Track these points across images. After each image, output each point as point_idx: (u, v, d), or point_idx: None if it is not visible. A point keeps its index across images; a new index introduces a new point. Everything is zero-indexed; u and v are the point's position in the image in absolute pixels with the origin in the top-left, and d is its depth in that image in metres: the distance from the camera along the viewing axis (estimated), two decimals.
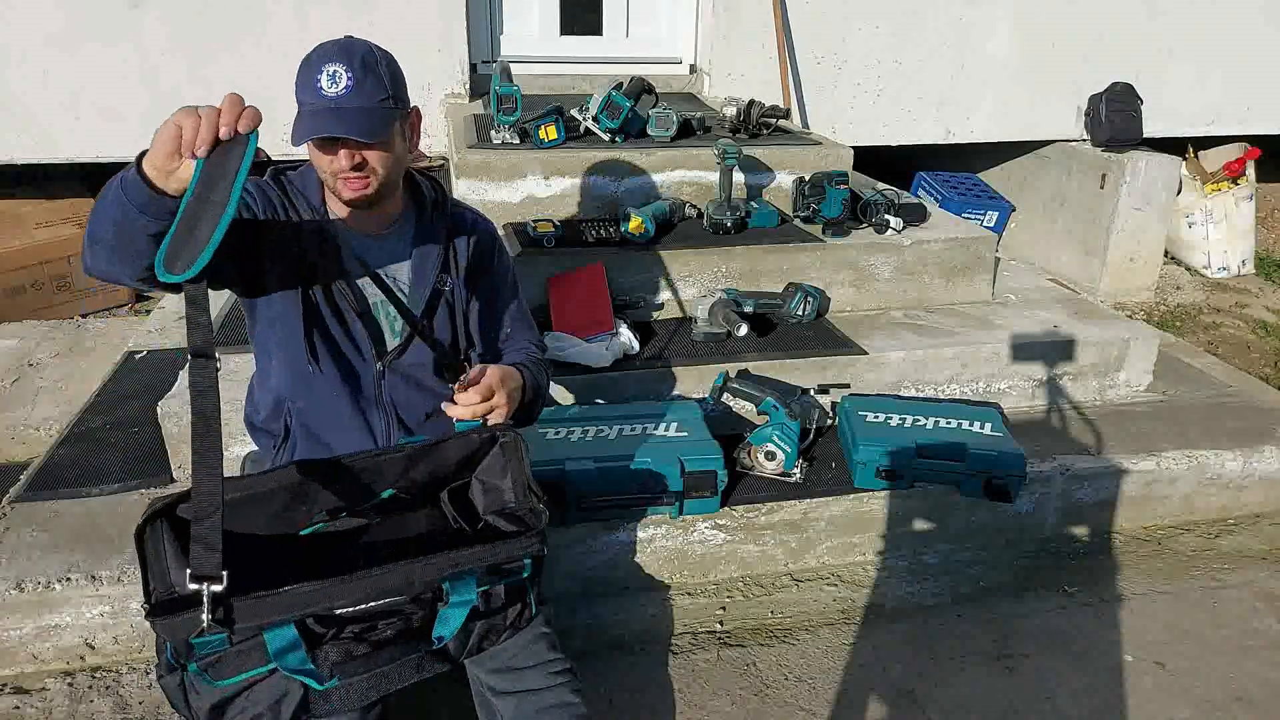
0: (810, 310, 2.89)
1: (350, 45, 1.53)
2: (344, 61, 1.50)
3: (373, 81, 1.51)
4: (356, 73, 1.50)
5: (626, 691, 2.02)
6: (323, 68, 1.49)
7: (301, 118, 1.51)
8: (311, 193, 1.66)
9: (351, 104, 1.49)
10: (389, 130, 1.54)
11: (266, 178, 1.66)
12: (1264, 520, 2.77)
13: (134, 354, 2.97)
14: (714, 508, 2.30)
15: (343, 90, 1.49)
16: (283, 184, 1.67)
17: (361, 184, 1.56)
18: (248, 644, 1.27)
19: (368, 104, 1.51)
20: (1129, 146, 4.33)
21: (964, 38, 4.17)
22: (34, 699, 1.95)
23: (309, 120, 1.50)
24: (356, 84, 1.49)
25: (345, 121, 1.49)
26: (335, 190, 1.59)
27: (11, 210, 3.77)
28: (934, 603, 2.35)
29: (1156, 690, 2.08)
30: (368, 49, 1.54)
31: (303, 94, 1.52)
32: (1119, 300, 4.39)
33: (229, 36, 3.43)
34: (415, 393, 1.75)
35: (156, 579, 1.30)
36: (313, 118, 1.50)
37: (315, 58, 1.52)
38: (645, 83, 3.26)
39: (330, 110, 1.49)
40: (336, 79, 1.49)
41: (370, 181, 1.57)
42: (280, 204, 1.64)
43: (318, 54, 1.52)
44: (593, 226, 2.97)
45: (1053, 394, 3.00)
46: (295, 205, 1.65)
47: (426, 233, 1.73)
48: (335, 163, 1.53)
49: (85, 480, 2.35)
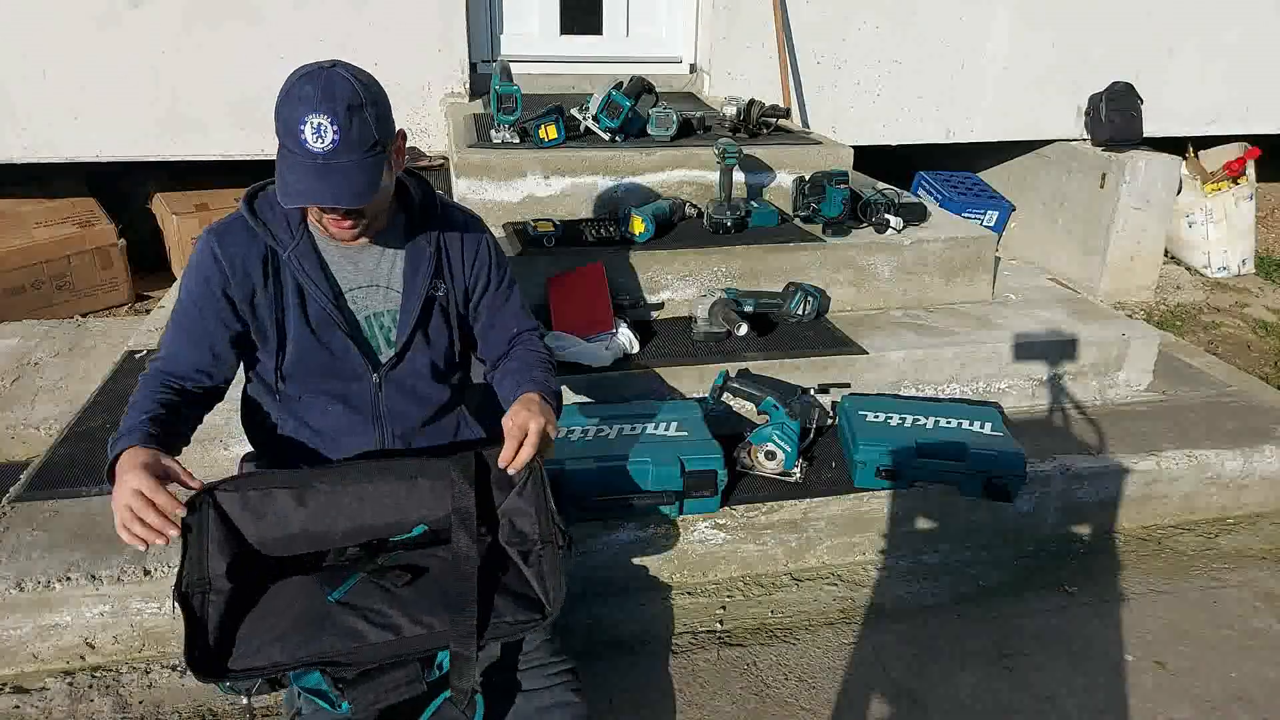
0: (810, 310, 2.88)
1: (331, 86, 1.42)
2: (328, 112, 1.40)
3: (359, 128, 1.43)
4: (342, 123, 1.41)
5: (626, 691, 2.02)
6: (306, 118, 1.41)
7: (287, 168, 1.45)
8: (292, 213, 1.62)
9: (339, 159, 1.42)
10: (379, 181, 1.48)
11: (241, 203, 1.62)
12: (1264, 520, 2.77)
13: (134, 354, 2.97)
14: (714, 507, 2.30)
15: (330, 145, 1.41)
16: (255, 210, 1.61)
17: (351, 228, 1.55)
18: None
19: (356, 157, 1.44)
20: (1129, 146, 4.33)
21: (964, 37, 4.17)
22: (34, 698, 1.95)
23: (297, 177, 1.44)
24: (343, 136, 1.42)
25: (334, 184, 1.43)
26: (326, 230, 1.58)
27: (11, 210, 3.77)
28: (934, 603, 2.35)
29: (1156, 690, 2.08)
30: (350, 89, 1.43)
31: (285, 139, 1.44)
32: (1119, 300, 4.38)
33: (230, 37, 3.43)
34: (412, 403, 1.74)
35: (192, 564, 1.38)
36: (300, 175, 1.43)
37: (296, 97, 1.42)
38: (645, 82, 3.26)
39: (318, 168, 1.42)
40: (322, 133, 1.41)
41: (361, 224, 1.56)
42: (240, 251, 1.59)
43: (298, 93, 1.42)
44: (593, 226, 2.97)
45: (1053, 393, 3.00)
46: (272, 229, 1.60)
47: (418, 236, 1.69)
48: (325, 216, 1.53)
49: (85, 480, 2.34)
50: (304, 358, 1.65)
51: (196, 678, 1.31)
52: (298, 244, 1.61)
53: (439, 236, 1.71)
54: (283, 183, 1.46)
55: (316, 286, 1.62)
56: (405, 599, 1.41)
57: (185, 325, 1.64)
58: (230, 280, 1.59)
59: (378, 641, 1.37)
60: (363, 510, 1.49)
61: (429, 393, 1.76)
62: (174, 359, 1.63)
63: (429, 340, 1.73)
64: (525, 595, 1.51)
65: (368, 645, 1.37)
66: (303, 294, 1.63)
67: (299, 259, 1.61)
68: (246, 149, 3.59)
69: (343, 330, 1.65)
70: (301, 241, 1.62)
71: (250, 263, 1.60)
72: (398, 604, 1.40)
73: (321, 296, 1.62)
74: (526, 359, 1.77)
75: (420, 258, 1.69)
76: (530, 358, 1.77)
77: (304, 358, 1.65)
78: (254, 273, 1.60)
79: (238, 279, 1.59)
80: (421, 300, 1.69)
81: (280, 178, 1.47)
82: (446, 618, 1.41)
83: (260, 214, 1.61)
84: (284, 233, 1.61)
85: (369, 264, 1.67)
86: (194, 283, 1.62)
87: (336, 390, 1.69)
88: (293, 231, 1.62)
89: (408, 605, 1.41)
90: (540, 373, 1.71)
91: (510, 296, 1.82)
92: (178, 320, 1.65)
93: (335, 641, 1.36)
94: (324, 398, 1.70)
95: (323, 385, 1.69)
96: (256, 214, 1.61)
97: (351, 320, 1.67)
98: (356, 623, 1.37)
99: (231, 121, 3.54)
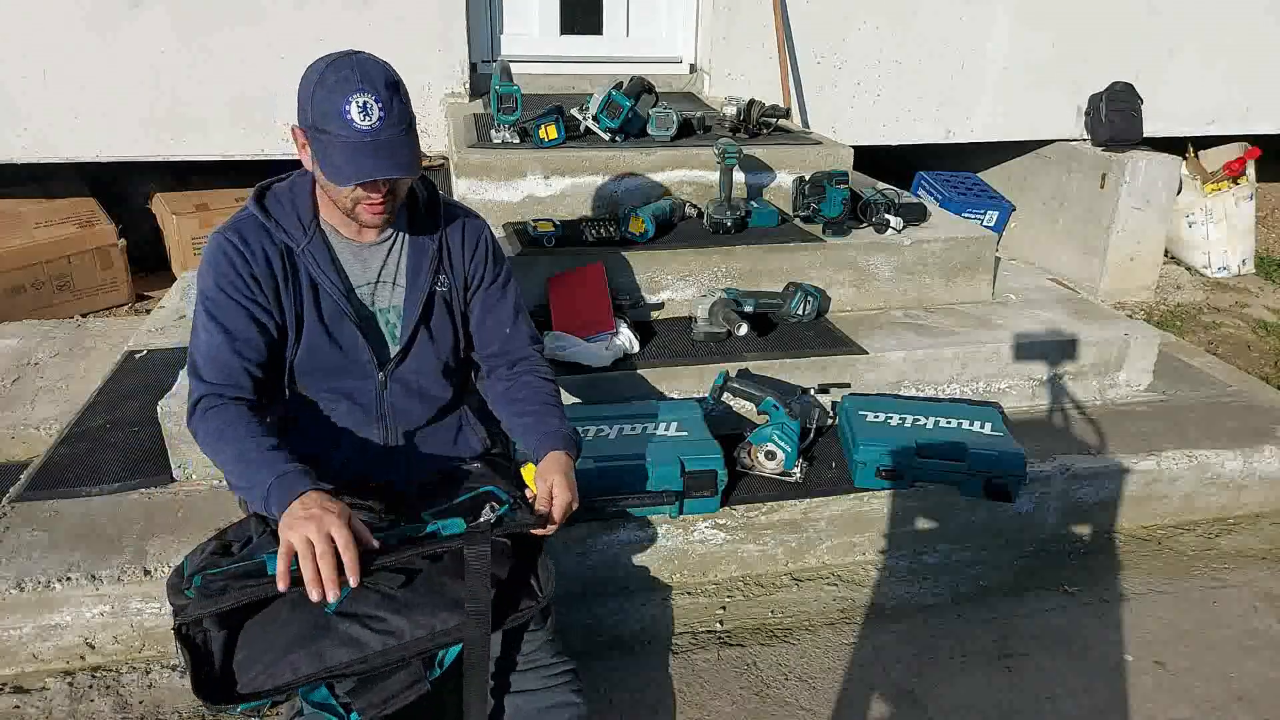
0: (810, 310, 2.88)
1: (368, 67, 1.47)
2: (371, 89, 1.44)
3: (398, 106, 1.48)
4: (385, 100, 1.45)
5: (626, 691, 2.02)
6: (350, 97, 1.43)
7: (332, 150, 1.46)
8: (304, 208, 1.63)
9: (385, 135, 1.46)
10: (420, 156, 1.54)
11: (251, 202, 1.63)
12: (1264, 520, 2.77)
13: (134, 354, 2.97)
14: (714, 507, 2.30)
15: (377, 122, 1.44)
16: (266, 208, 1.62)
17: (383, 209, 1.56)
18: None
19: (401, 133, 1.48)
20: (1129, 146, 4.33)
21: (964, 37, 4.17)
22: (34, 698, 1.95)
23: (349, 156, 1.45)
24: (388, 112, 1.46)
25: (388, 158, 1.47)
26: (353, 215, 1.58)
27: (11, 210, 3.77)
28: (934, 603, 2.35)
29: (1156, 690, 2.08)
30: (383, 69, 1.49)
31: (326, 123, 1.45)
32: (1119, 300, 4.39)
33: (230, 37, 3.43)
34: (416, 401, 1.74)
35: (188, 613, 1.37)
36: (351, 154, 1.45)
37: (335, 82, 1.45)
38: (645, 82, 3.26)
39: (369, 145, 1.45)
40: (369, 111, 1.44)
41: (391, 205, 1.57)
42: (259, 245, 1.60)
43: (338, 78, 1.45)
44: (593, 226, 2.97)
45: (1053, 393, 3.00)
46: (284, 225, 1.61)
47: (421, 232, 1.71)
48: (366, 194, 1.52)
49: (85, 480, 2.34)
50: (314, 355, 1.65)
51: (207, 707, 1.31)
52: (311, 239, 1.63)
53: (441, 232, 1.72)
54: (332, 167, 1.47)
55: (330, 281, 1.63)
56: (402, 601, 1.41)
57: (222, 319, 1.57)
58: (256, 268, 1.59)
59: (381, 648, 1.37)
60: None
61: (433, 390, 1.76)
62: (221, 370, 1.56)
63: (432, 336, 1.73)
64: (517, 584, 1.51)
65: (372, 652, 1.37)
66: (316, 290, 1.64)
67: (313, 254, 1.62)
68: (246, 149, 3.59)
69: (354, 325, 1.66)
70: (315, 237, 1.63)
71: (271, 258, 1.60)
72: (396, 606, 1.40)
73: (335, 291, 1.63)
74: (540, 395, 1.76)
75: (423, 253, 1.70)
76: (542, 394, 1.76)
77: (314, 355, 1.65)
78: (275, 267, 1.60)
79: (263, 273, 1.59)
80: (425, 294, 1.70)
81: (327, 163, 1.48)
82: (447, 615, 1.41)
83: (272, 211, 1.62)
84: (296, 229, 1.62)
85: (375, 261, 1.69)
86: (221, 272, 1.57)
87: (343, 388, 1.70)
88: (305, 228, 1.63)
89: (406, 606, 1.41)
90: (557, 420, 1.71)
91: (506, 294, 1.81)
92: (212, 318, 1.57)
93: (338, 653, 1.36)
94: (329, 395, 1.70)
95: (329, 383, 1.69)
96: (269, 211, 1.62)
97: (364, 315, 1.68)
98: (357, 631, 1.37)
99: (232, 121, 3.54)
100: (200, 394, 1.56)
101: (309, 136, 1.50)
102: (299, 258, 1.62)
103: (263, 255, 1.59)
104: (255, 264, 1.58)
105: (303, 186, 1.65)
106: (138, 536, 2.14)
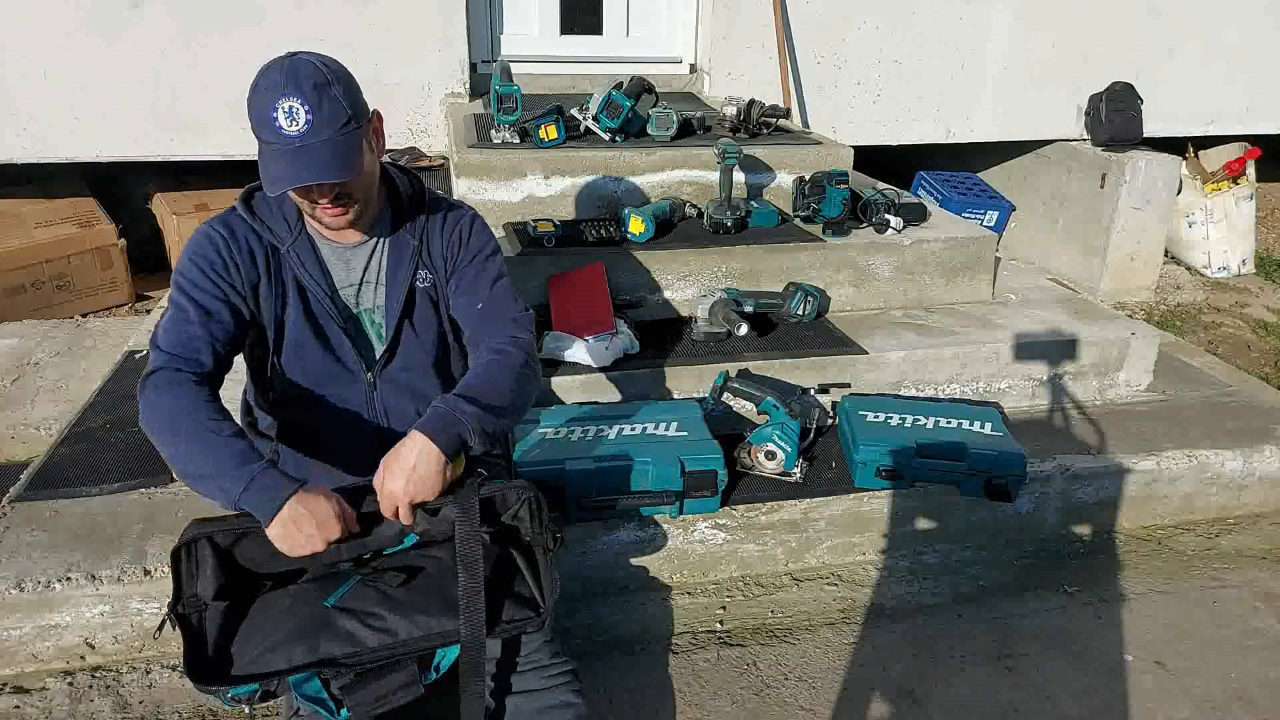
0: (810, 310, 2.88)
1: (296, 69, 1.43)
2: (296, 93, 1.41)
3: (329, 106, 1.43)
4: (312, 102, 1.41)
5: (626, 691, 2.02)
6: (276, 104, 1.41)
7: (267, 160, 1.45)
8: (289, 210, 1.63)
9: (315, 139, 1.42)
10: (358, 156, 1.48)
11: (238, 203, 1.63)
12: (1264, 520, 2.77)
13: (134, 354, 2.97)
14: (714, 507, 2.30)
15: (303, 127, 1.41)
16: (253, 208, 1.62)
17: (342, 213, 1.54)
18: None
19: (332, 134, 1.44)
20: (1129, 146, 4.33)
21: (964, 37, 4.17)
22: (34, 698, 1.95)
23: (277, 165, 1.44)
24: (315, 115, 1.42)
25: (315, 163, 1.43)
26: (318, 221, 1.57)
27: (11, 210, 3.77)
28: (934, 603, 2.35)
29: (1156, 690, 2.08)
30: (314, 67, 1.44)
31: (261, 131, 1.44)
32: (1119, 300, 4.38)
33: (230, 38, 3.43)
34: (408, 400, 1.73)
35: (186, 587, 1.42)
36: (280, 162, 1.43)
37: (263, 86, 1.43)
38: (645, 82, 3.26)
39: (296, 151, 1.42)
40: (294, 115, 1.41)
41: (350, 208, 1.55)
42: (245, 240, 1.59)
43: (265, 83, 1.43)
44: (593, 226, 2.97)
45: (1053, 393, 3.00)
46: (270, 225, 1.61)
47: (402, 229, 1.69)
48: (313, 201, 1.51)
49: (85, 480, 2.34)
50: (301, 356, 1.65)
51: (197, 687, 1.31)
52: (296, 239, 1.62)
53: (423, 227, 1.70)
54: (266, 176, 1.46)
55: (316, 281, 1.62)
56: (402, 600, 1.41)
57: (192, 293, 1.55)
58: (238, 257, 1.58)
59: (377, 645, 1.38)
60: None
61: (424, 388, 1.75)
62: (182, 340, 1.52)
63: (417, 333, 1.72)
64: (520, 594, 1.51)
65: (366, 649, 1.37)
66: (302, 291, 1.63)
67: (298, 254, 1.62)
68: (246, 149, 3.54)
69: (340, 326, 1.65)
70: (300, 238, 1.62)
71: (256, 254, 1.60)
72: (395, 606, 1.40)
73: (320, 292, 1.63)
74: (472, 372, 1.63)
75: (404, 249, 1.69)
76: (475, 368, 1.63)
77: (301, 356, 1.65)
78: (259, 263, 1.60)
79: (244, 264, 1.59)
80: (405, 290, 1.68)
81: (264, 172, 1.46)
82: (445, 617, 1.41)
83: (259, 213, 1.61)
84: (283, 230, 1.62)
85: (359, 262, 1.68)
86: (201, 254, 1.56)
87: (333, 391, 1.69)
88: (291, 228, 1.62)
89: (405, 606, 1.41)
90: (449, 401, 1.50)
91: (480, 274, 1.72)
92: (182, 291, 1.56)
93: (334, 646, 1.36)
94: (319, 400, 1.70)
95: (319, 388, 1.69)
96: (255, 213, 1.61)
97: (348, 316, 1.68)
98: (354, 626, 1.37)
99: (231, 121, 3.54)
100: (157, 365, 1.50)
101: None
102: (284, 258, 1.61)
103: (247, 248, 1.59)
104: (238, 254, 1.58)
105: None
106: (138, 536, 2.14)
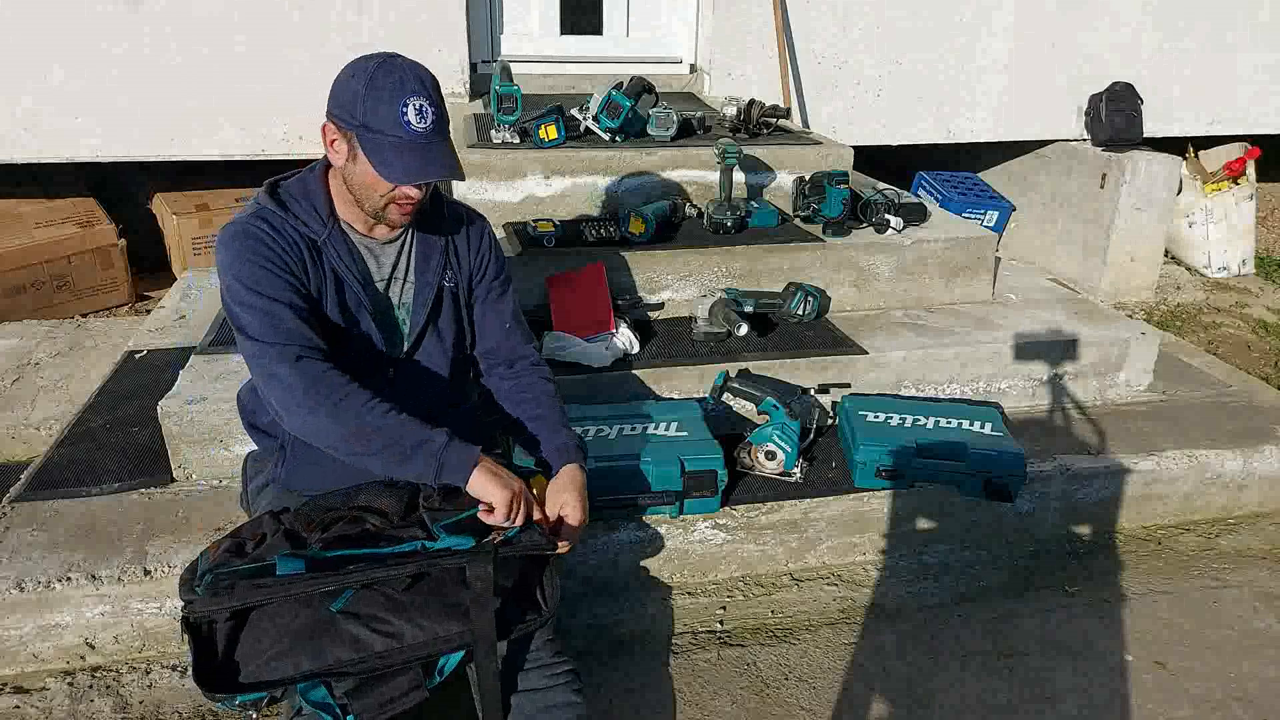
0: (810, 310, 2.88)
1: (418, 72, 1.52)
2: (424, 93, 1.50)
3: (443, 111, 1.55)
4: (436, 104, 1.52)
5: (626, 691, 2.02)
6: (407, 100, 1.48)
7: (389, 152, 1.49)
8: (319, 202, 1.64)
9: (436, 139, 1.52)
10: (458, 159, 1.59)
11: (264, 193, 1.63)
12: (1264, 520, 2.77)
13: (134, 354, 2.97)
14: (714, 507, 2.30)
15: (430, 125, 1.50)
16: (281, 199, 1.63)
17: (412, 209, 1.61)
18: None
19: (446, 136, 1.55)
20: (1129, 146, 4.33)
21: (964, 37, 4.17)
22: (34, 698, 1.95)
23: (406, 158, 1.50)
24: (439, 115, 1.52)
25: (439, 159, 1.53)
26: (382, 214, 1.60)
27: (11, 210, 3.77)
28: (934, 603, 2.35)
29: (1156, 690, 2.08)
30: (430, 75, 1.54)
31: (381, 125, 1.49)
32: (1119, 300, 4.39)
33: (230, 37, 3.43)
34: (423, 396, 1.74)
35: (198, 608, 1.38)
36: (408, 155, 1.50)
37: (391, 85, 1.48)
38: (645, 82, 3.26)
39: (423, 147, 1.51)
40: (424, 114, 1.50)
41: (417, 205, 1.62)
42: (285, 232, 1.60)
43: (391, 81, 1.49)
44: (593, 226, 2.97)
45: (1053, 394, 3.00)
46: (302, 219, 1.62)
47: (428, 230, 1.75)
48: (404, 194, 1.56)
49: (85, 480, 2.34)
50: (332, 346, 1.65)
51: (205, 695, 1.31)
52: (330, 232, 1.64)
53: (448, 229, 1.77)
54: (384, 165, 1.50)
55: (352, 273, 1.65)
56: (407, 604, 1.41)
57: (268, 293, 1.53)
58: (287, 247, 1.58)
59: (382, 649, 1.37)
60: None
61: (439, 385, 1.78)
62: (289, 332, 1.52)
63: (440, 331, 1.76)
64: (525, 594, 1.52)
65: (372, 653, 1.37)
66: (339, 282, 1.65)
67: (334, 245, 1.64)
68: (246, 149, 3.59)
69: (371, 317, 1.67)
70: (334, 230, 1.64)
71: (299, 244, 1.61)
72: (399, 609, 1.40)
73: (355, 283, 1.65)
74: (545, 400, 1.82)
75: (432, 249, 1.74)
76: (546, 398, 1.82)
77: (332, 346, 1.65)
78: (303, 253, 1.61)
79: (293, 253, 1.59)
80: (435, 289, 1.74)
81: (379, 161, 1.50)
82: (449, 621, 1.41)
83: (289, 205, 1.62)
84: (315, 223, 1.63)
85: (388, 258, 1.72)
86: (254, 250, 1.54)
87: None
88: (324, 221, 1.64)
89: (410, 610, 1.41)
90: (566, 430, 1.77)
91: (505, 291, 1.86)
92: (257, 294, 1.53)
93: (339, 651, 1.36)
94: None
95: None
96: (285, 205, 1.62)
97: (380, 307, 1.71)
98: (360, 631, 1.37)
99: (232, 121, 3.54)
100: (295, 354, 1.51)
101: (355, 135, 1.51)
102: (322, 247, 1.63)
103: (290, 239, 1.60)
104: (285, 244, 1.59)
105: (315, 182, 1.66)
106: (138, 537, 2.14)
